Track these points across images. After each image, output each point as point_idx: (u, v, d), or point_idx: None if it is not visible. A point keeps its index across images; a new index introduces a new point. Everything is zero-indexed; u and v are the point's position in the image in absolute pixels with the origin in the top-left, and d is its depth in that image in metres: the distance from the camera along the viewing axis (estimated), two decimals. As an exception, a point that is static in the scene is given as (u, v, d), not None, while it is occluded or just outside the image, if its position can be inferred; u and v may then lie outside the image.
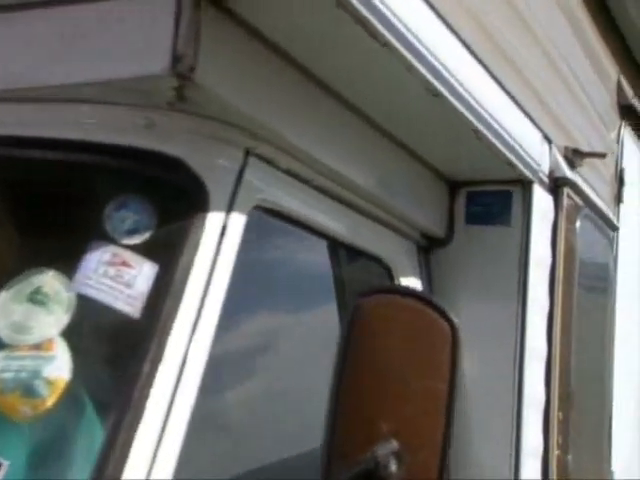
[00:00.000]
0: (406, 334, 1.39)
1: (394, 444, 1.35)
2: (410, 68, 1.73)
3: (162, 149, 1.66)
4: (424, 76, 1.79)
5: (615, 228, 3.27)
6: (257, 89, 1.71)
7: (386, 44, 1.63)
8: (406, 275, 2.47)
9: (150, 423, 1.38)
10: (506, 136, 2.28)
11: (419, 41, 1.71)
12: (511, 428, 2.40)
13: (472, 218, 2.59)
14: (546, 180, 2.60)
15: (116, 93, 1.64)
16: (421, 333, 1.40)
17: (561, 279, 2.64)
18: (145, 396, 1.38)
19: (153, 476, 1.37)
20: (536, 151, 2.49)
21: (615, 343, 3.33)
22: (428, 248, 2.61)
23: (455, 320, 1.42)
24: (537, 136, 2.50)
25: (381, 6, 1.56)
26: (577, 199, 2.78)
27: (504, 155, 2.32)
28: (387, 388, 1.37)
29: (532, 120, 2.46)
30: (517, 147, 2.36)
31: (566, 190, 2.67)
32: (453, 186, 2.61)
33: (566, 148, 2.73)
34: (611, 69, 3.34)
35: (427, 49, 1.75)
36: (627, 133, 3.54)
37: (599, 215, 3.05)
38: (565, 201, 2.67)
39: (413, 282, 2.50)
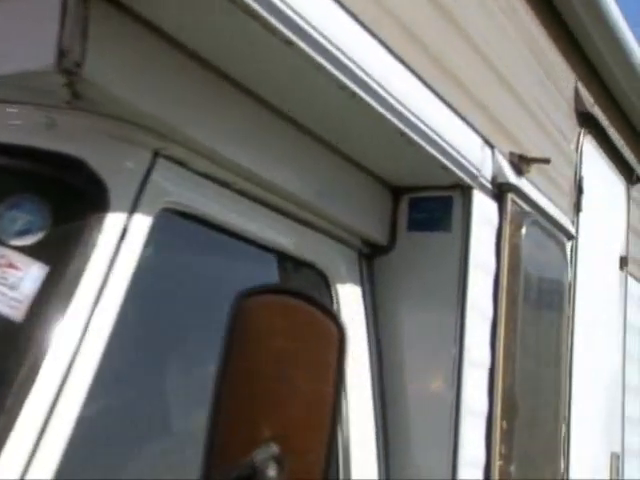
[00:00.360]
0: (292, 336, 1.35)
1: (274, 448, 1.30)
2: (319, 67, 1.70)
3: (63, 149, 1.63)
4: (335, 76, 1.75)
5: (571, 236, 3.23)
6: (160, 87, 1.68)
7: (289, 42, 1.60)
8: (344, 282, 2.43)
9: (24, 432, 1.33)
10: (439, 140, 2.24)
11: (327, 40, 1.68)
12: (448, 436, 2.35)
13: (414, 224, 2.56)
14: (489, 186, 2.57)
15: (14, 91, 1.61)
16: (307, 335, 1.36)
17: (505, 286, 2.60)
18: (19, 405, 1.33)
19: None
20: (475, 156, 2.45)
21: (575, 352, 3.30)
22: (371, 255, 2.58)
23: (342, 322, 1.38)
24: (477, 141, 2.47)
25: (278, 2, 1.53)
26: (524, 205, 2.74)
27: (438, 160, 2.29)
28: (271, 391, 1.32)
29: (470, 125, 2.42)
30: (452, 151, 2.32)
31: (510, 196, 2.63)
32: (396, 192, 2.57)
33: (511, 154, 2.69)
34: (567, 77, 3.31)
35: (338, 48, 1.72)
36: (588, 141, 3.50)
37: (552, 222, 3.01)
38: (509, 207, 2.63)
39: (352, 289, 2.46)
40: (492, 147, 2.57)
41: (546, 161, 2.74)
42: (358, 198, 2.46)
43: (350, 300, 2.43)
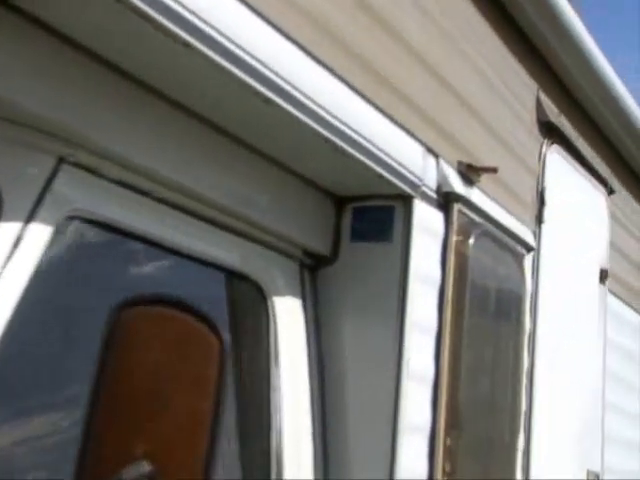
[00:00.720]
0: (168, 348, 1.29)
1: (145, 467, 1.24)
2: (222, 71, 1.65)
3: None
4: (243, 80, 1.70)
5: (530, 248, 3.17)
6: (62, 91, 1.63)
7: (186, 44, 1.55)
8: (282, 294, 2.37)
9: None
10: (372, 148, 2.19)
11: (230, 42, 1.63)
12: (386, 451, 2.29)
13: (357, 235, 2.50)
14: (433, 195, 2.51)
15: None
16: (185, 347, 1.30)
17: (451, 299, 2.54)
18: None
19: None
20: (416, 165, 2.40)
21: (540, 367, 3.22)
22: (315, 267, 2.52)
23: (224, 335, 1.32)
24: (417, 150, 2.41)
25: (171, 2, 1.48)
26: (473, 216, 2.68)
27: (372, 168, 2.24)
28: (145, 406, 1.26)
29: (410, 134, 2.37)
30: (388, 160, 2.27)
31: (457, 206, 2.57)
32: (340, 202, 2.52)
33: (459, 163, 2.64)
34: (528, 86, 3.25)
35: (245, 51, 1.67)
36: (554, 152, 3.44)
37: (507, 234, 2.95)
38: (456, 217, 2.57)
39: (292, 301, 2.40)
40: (436, 156, 2.51)
41: (493, 170, 2.68)
42: (297, 207, 2.40)
43: (289, 313, 2.38)
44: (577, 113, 3.66)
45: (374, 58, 2.18)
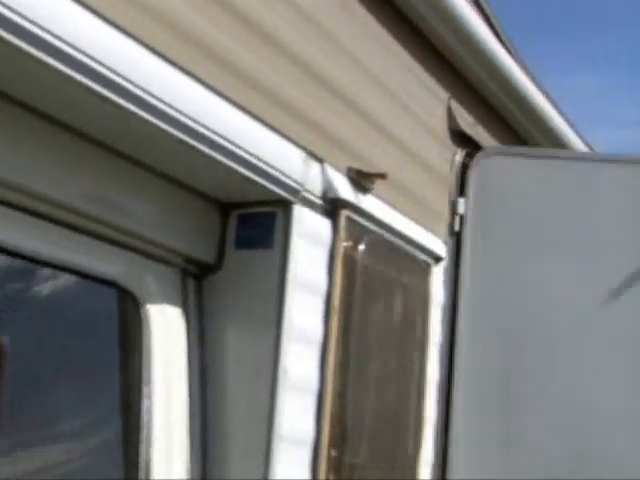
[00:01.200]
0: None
1: None
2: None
3: None
4: (93, 89, 1.66)
5: (439, 258, 3.12)
6: None
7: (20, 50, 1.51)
8: (158, 302, 2.32)
9: None
10: (243, 154, 2.16)
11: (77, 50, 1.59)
12: (261, 462, 2.24)
13: (241, 242, 2.45)
14: (318, 201, 2.46)
15: None
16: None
17: (337, 307, 2.49)
18: None
19: None
20: (295, 170, 2.35)
21: (458, 379, 3.17)
22: (201, 275, 2.47)
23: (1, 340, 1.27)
24: (297, 155, 2.37)
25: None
26: (366, 223, 2.64)
27: (245, 175, 2.20)
28: None
29: (288, 139, 2.33)
30: (263, 166, 2.23)
31: (345, 212, 2.53)
32: (226, 209, 2.47)
33: (349, 169, 2.59)
34: (438, 95, 3.22)
35: (94, 59, 1.63)
36: (465, 161, 3.40)
37: (410, 243, 2.91)
38: (344, 224, 2.52)
39: (170, 310, 2.35)
40: (321, 161, 2.47)
41: (382, 176, 2.64)
42: (179, 215, 2.35)
43: (166, 321, 2.32)
44: (495, 122, 3.64)
45: (243, 62, 2.14)
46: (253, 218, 2.44)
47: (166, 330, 2.31)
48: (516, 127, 3.78)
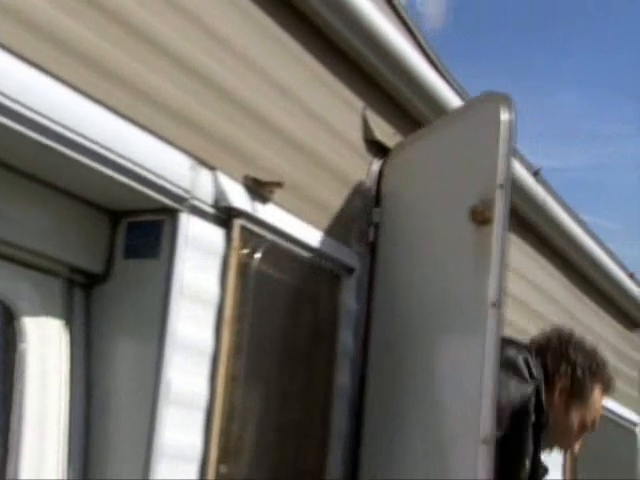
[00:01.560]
0: None
1: None
2: None
3: None
4: None
5: (351, 269, 3.06)
6: None
7: None
8: (37, 314, 2.25)
9: None
10: (122, 161, 2.10)
11: None
12: (140, 477, 2.17)
13: (130, 251, 2.39)
14: (209, 210, 2.40)
15: None
16: None
17: (230, 317, 2.42)
18: None
19: None
20: (181, 178, 2.29)
21: (369, 388, 3.09)
22: (89, 285, 2.40)
23: None
24: (183, 162, 2.31)
25: None
26: (263, 232, 2.57)
27: (125, 182, 2.14)
28: None
29: (174, 146, 2.27)
30: (143, 173, 2.17)
31: (239, 222, 2.46)
32: (116, 217, 2.41)
33: (245, 177, 2.54)
34: (351, 105, 3.16)
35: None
36: (384, 171, 3.33)
37: (315, 254, 2.84)
38: (237, 233, 2.46)
39: (51, 321, 2.28)
40: (213, 169, 2.41)
41: (278, 185, 2.58)
42: (63, 224, 2.28)
43: (44, 333, 2.25)
44: (414, 130, 3.58)
45: (123, 68, 2.08)
46: (141, 227, 2.37)
47: (43, 342, 2.24)
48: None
